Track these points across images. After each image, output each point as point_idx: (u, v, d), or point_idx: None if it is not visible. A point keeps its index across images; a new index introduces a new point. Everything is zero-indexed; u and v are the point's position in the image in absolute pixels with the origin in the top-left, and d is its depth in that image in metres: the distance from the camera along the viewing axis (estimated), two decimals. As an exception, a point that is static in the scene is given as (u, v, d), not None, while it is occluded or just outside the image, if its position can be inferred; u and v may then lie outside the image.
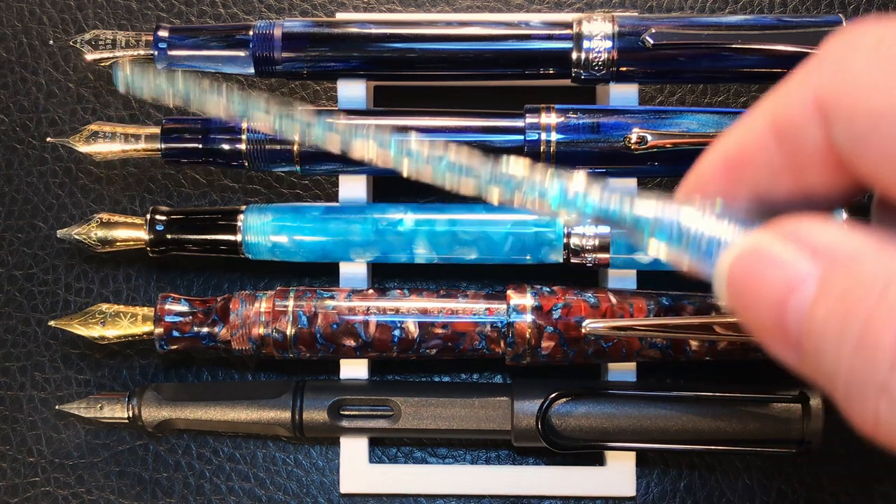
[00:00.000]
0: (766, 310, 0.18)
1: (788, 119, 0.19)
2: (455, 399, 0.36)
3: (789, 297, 0.17)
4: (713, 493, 0.39)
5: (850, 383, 0.16)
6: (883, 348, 0.16)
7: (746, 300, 0.18)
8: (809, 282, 0.17)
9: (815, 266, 0.17)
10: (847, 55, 0.17)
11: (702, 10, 0.41)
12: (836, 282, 0.17)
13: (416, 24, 0.36)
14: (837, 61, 0.18)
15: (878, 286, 0.16)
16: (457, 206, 0.37)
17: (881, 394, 0.16)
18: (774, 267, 0.18)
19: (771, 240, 0.18)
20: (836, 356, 0.17)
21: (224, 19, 0.41)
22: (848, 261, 0.17)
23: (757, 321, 0.18)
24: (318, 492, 0.39)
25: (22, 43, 0.41)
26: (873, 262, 0.17)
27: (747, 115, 0.20)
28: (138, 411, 0.37)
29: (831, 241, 0.17)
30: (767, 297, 0.18)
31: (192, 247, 0.37)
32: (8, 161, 0.40)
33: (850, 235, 0.17)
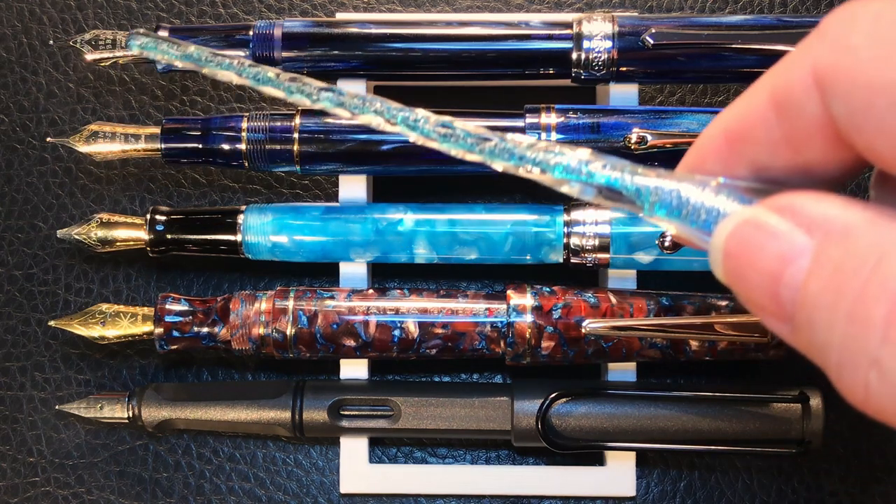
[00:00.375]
0: (761, 282, 0.18)
1: (788, 92, 0.19)
2: (455, 399, 0.36)
3: (784, 270, 0.18)
4: (713, 493, 0.39)
5: (841, 356, 0.17)
6: (874, 321, 0.16)
7: (741, 272, 0.18)
8: (804, 255, 0.17)
9: (809, 239, 0.17)
10: (845, 29, 0.18)
11: (702, 10, 0.41)
12: (829, 255, 0.17)
13: (416, 24, 0.36)
14: (836, 35, 0.18)
15: (871, 259, 0.16)
16: (457, 206, 0.37)
17: (872, 366, 0.16)
18: (770, 239, 0.18)
19: (767, 213, 0.18)
20: (829, 329, 0.17)
21: (224, 19, 0.41)
22: (842, 234, 0.17)
23: (752, 293, 0.18)
24: (318, 492, 0.39)
25: (22, 43, 0.41)
26: (867, 235, 0.17)
27: (749, 89, 0.20)
28: (138, 411, 0.37)
29: (826, 215, 0.17)
30: (762, 269, 0.18)
31: (192, 247, 0.37)
32: (8, 161, 0.40)
33: (846, 209, 0.17)
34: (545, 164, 0.20)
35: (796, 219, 0.18)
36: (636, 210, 0.20)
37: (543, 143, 0.20)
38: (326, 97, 0.22)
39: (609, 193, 0.20)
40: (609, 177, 0.20)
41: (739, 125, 0.20)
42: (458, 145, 0.21)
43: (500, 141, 0.21)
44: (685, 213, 0.19)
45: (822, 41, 0.18)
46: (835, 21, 0.18)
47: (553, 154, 0.20)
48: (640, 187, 0.20)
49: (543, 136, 0.35)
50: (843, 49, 0.17)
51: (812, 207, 0.18)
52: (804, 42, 0.19)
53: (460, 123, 0.21)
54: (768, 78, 0.19)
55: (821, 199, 0.18)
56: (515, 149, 0.20)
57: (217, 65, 0.23)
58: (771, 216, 0.18)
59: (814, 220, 0.18)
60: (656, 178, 0.20)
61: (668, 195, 0.19)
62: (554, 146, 0.20)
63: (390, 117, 0.22)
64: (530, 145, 0.20)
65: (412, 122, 0.22)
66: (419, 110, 0.22)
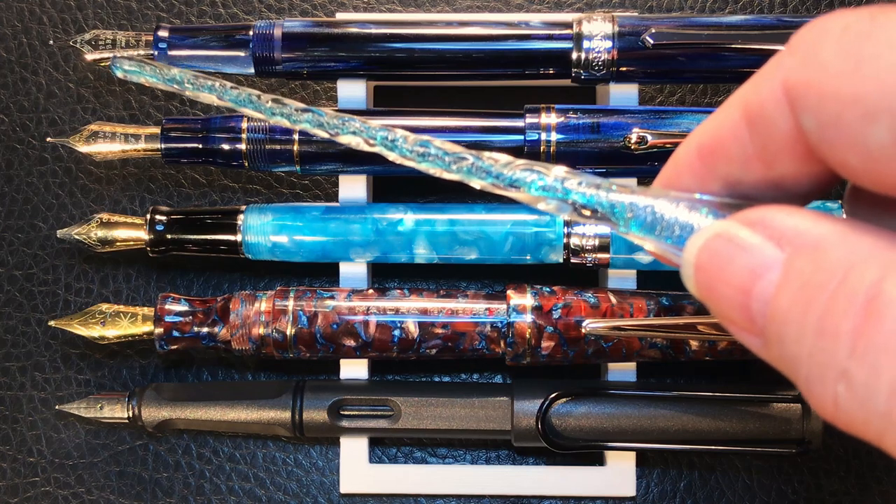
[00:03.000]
0: (732, 295, 0.18)
1: (759, 107, 0.19)
2: (455, 399, 0.36)
3: (754, 284, 0.18)
4: (713, 493, 0.39)
5: (810, 369, 0.17)
6: (842, 334, 0.16)
7: (712, 286, 0.18)
8: (774, 268, 0.17)
9: (780, 252, 0.17)
10: (815, 43, 0.18)
11: (702, 10, 0.41)
12: (799, 268, 0.17)
13: (416, 24, 0.36)
14: (806, 49, 0.18)
15: (839, 272, 0.16)
16: (457, 206, 0.37)
17: (840, 378, 0.16)
18: (740, 253, 0.18)
19: (738, 226, 0.18)
20: (798, 342, 0.17)
21: (224, 19, 0.41)
22: (812, 247, 0.17)
23: (722, 307, 0.18)
24: (318, 492, 0.39)
25: (22, 43, 0.41)
26: (837, 248, 0.17)
27: (721, 106, 0.20)
28: (138, 411, 0.37)
29: (797, 228, 0.17)
30: (733, 282, 0.18)
31: (192, 247, 0.37)
32: (8, 161, 0.40)
33: (817, 222, 0.17)
34: (521, 181, 0.20)
35: (767, 232, 0.18)
36: (612, 226, 0.20)
37: (520, 162, 0.21)
38: (306, 118, 0.23)
39: (585, 210, 0.20)
40: (584, 194, 0.20)
41: (712, 140, 0.20)
42: (435, 164, 0.21)
43: (477, 160, 0.21)
44: (659, 229, 0.20)
45: (792, 55, 0.18)
46: (805, 35, 0.18)
47: (529, 172, 0.20)
48: (615, 203, 0.20)
49: (543, 136, 0.35)
50: (813, 63, 0.17)
51: (783, 221, 0.18)
52: (776, 57, 0.19)
53: (438, 142, 0.21)
54: (740, 93, 0.19)
55: (792, 213, 0.18)
56: (492, 167, 0.21)
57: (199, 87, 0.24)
58: (742, 229, 0.18)
59: (784, 234, 0.18)
60: (631, 194, 0.20)
61: (642, 211, 0.20)
62: (531, 164, 0.21)
63: (369, 137, 0.22)
64: (507, 163, 0.21)
65: (390, 141, 0.22)
66: (398, 130, 0.22)
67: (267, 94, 0.23)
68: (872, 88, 0.16)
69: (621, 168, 0.36)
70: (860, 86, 0.17)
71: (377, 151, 0.22)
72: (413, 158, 0.22)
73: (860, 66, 0.17)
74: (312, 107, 0.23)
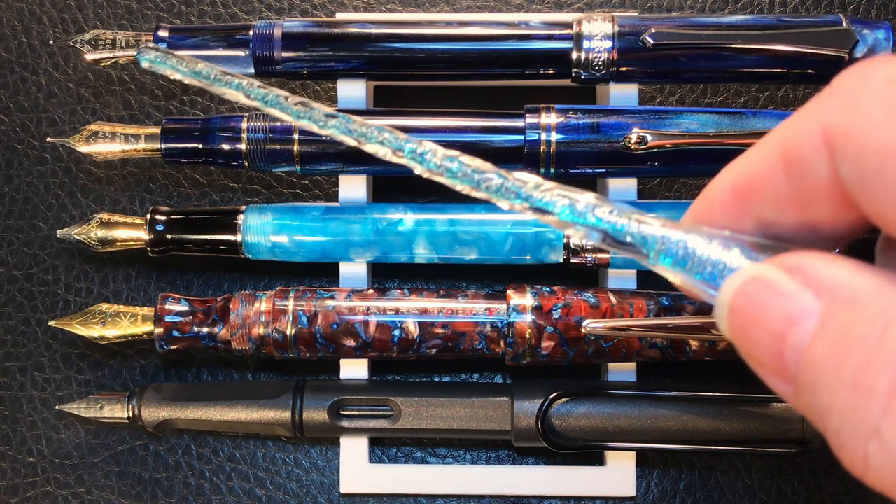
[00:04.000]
0: (766, 341, 0.18)
1: (797, 150, 0.18)
2: (455, 399, 0.36)
3: (790, 331, 0.17)
4: (713, 493, 0.39)
5: (842, 423, 0.17)
6: (877, 391, 0.16)
7: (746, 329, 0.18)
8: (811, 317, 0.17)
9: (817, 302, 0.17)
10: (857, 91, 0.17)
11: (702, 10, 0.41)
12: (836, 319, 0.17)
13: (416, 24, 0.36)
14: (847, 96, 0.18)
15: (877, 327, 0.16)
16: (457, 206, 0.37)
17: (872, 437, 0.16)
18: (777, 299, 0.18)
19: (775, 271, 0.18)
20: (831, 394, 0.17)
21: (224, 19, 0.41)
22: (850, 299, 0.17)
23: (756, 351, 0.18)
24: (318, 492, 0.39)
25: (22, 43, 0.41)
26: (875, 302, 0.17)
27: (758, 143, 0.20)
28: (138, 411, 0.37)
29: (835, 278, 0.17)
30: (768, 328, 0.18)
31: (192, 247, 0.37)
32: (8, 161, 0.40)
33: (855, 273, 0.17)
34: (551, 206, 0.20)
35: (805, 280, 0.18)
36: (641, 258, 0.20)
37: (550, 184, 0.20)
38: (334, 124, 0.22)
39: (614, 240, 0.20)
40: (615, 223, 0.20)
41: (747, 180, 0.20)
42: (463, 181, 0.21)
43: (506, 180, 0.21)
44: (690, 264, 0.19)
45: (833, 100, 0.18)
46: (847, 80, 0.18)
47: (560, 196, 0.20)
48: (646, 236, 0.20)
49: (543, 136, 0.35)
50: (855, 110, 0.17)
51: (821, 270, 0.18)
52: (815, 99, 0.18)
53: (466, 159, 0.21)
54: (778, 133, 0.19)
55: (830, 262, 0.18)
56: (522, 189, 0.20)
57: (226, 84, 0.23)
58: (779, 275, 0.18)
59: (822, 283, 0.17)
60: (662, 227, 0.20)
61: (674, 245, 0.19)
62: (560, 187, 0.20)
63: (397, 148, 0.22)
64: (537, 185, 0.20)
65: (419, 154, 0.21)
66: (426, 143, 0.21)
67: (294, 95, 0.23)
68: None
69: (621, 168, 0.36)
70: None
71: (404, 163, 0.22)
72: (441, 173, 0.21)
73: None
74: (340, 113, 0.22)
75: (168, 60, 0.24)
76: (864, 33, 0.35)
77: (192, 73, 0.24)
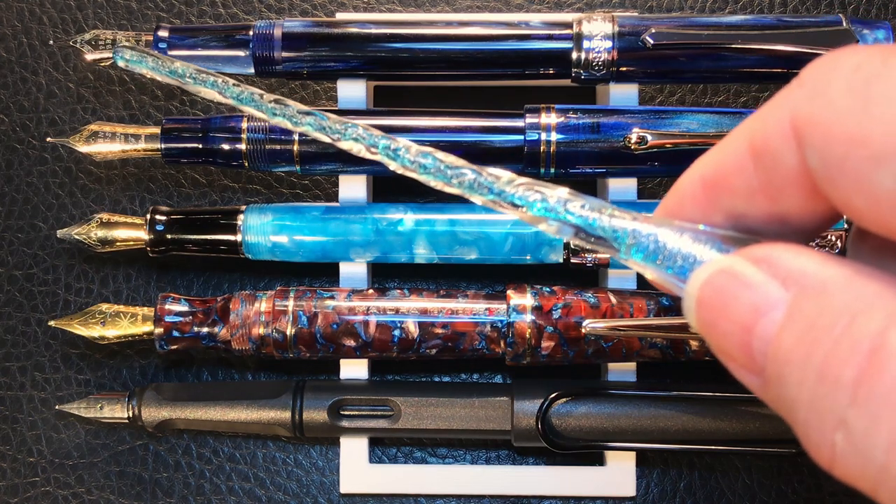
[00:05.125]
0: (733, 332, 0.18)
1: (765, 141, 0.18)
2: (455, 399, 0.36)
3: (757, 322, 0.17)
4: (713, 493, 0.39)
5: (809, 415, 0.16)
6: (843, 382, 0.16)
7: (714, 321, 0.18)
8: (778, 308, 0.17)
9: (785, 292, 0.17)
10: (825, 79, 0.17)
11: (702, 10, 0.41)
12: (804, 310, 0.17)
13: (416, 24, 0.36)
14: (815, 84, 0.17)
15: (844, 318, 0.16)
16: (457, 206, 0.37)
17: (838, 426, 0.16)
18: (744, 290, 0.18)
19: (743, 262, 0.18)
20: (798, 385, 0.17)
21: (224, 19, 0.41)
22: (818, 289, 0.17)
23: (723, 343, 0.18)
24: (318, 492, 0.39)
25: (22, 43, 0.41)
26: (842, 292, 0.17)
27: (727, 136, 0.20)
28: (138, 411, 0.37)
29: (803, 269, 0.17)
30: (735, 319, 0.18)
31: (192, 247, 0.37)
32: (8, 161, 0.40)
33: (823, 264, 0.17)
34: (524, 200, 0.20)
35: (772, 271, 0.18)
36: (612, 252, 0.20)
37: (523, 180, 0.20)
38: (308, 122, 0.22)
39: (586, 234, 0.20)
40: (586, 217, 0.20)
41: (716, 172, 0.20)
42: (437, 177, 0.21)
43: (479, 175, 0.21)
44: (661, 258, 0.19)
45: (801, 89, 0.18)
46: (815, 70, 0.18)
47: (531, 191, 0.20)
48: (617, 229, 0.20)
49: (543, 136, 0.35)
50: (821, 99, 0.17)
51: (789, 260, 0.17)
52: (784, 90, 0.18)
53: (440, 155, 0.21)
54: (746, 124, 0.19)
55: (798, 253, 0.18)
56: (494, 184, 0.21)
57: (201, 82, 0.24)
58: (747, 266, 0.18)
59: (790, 274, 0.17)
60: (633, 221, 0.20)
61: (644, 239, 0.19)
62: (533, 184, 0.20)
63: (371, 144, 0.22)
64: (509, 181, 0.20)
65: (392, 150, 0.22)
66: (401, 139, 0.22)
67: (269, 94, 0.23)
68: (881, 131, 0.16)
69: (621, 168, 0.36)
70: (868, 127, 0.16)
71: (378, 160, 0.22)
72: (414, 169, 0.21)
73: (869, 107, 0.16)
74: (315, 110, 0.23)
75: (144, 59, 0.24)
76: (864, 33, 0.35)
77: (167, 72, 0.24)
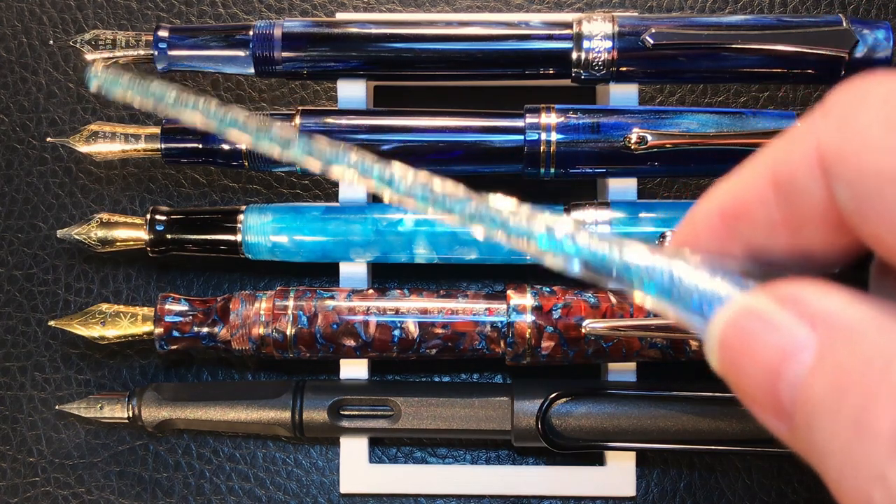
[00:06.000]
0: (759, 376, 0.17)
1: (789, 172, 0.17)
2: (455, 399, 0.36)
3: (784, 365, 0.16)
4: (713, 493, 0.39)
5: (843, 465, 0.15)
6: (882, 433, 0.15)
7: (738, 364, 0.17)
8: (807, 351, 0.16)
9: (812, 334, 0.16)
10: (853, 110, 0.16)
11: (702, 10, 0.41)
12: (834, 354, 0.16)
13: (416, 24, 0.36)
14: (843, 114, 0.17)
15: (878, 363, 0.15)
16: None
17: (876, 481, 0.15)
18: (770, 331, 0.17)
19: (768, 302, 0.17)
20: (831, 434, 0.16)
21: (224, 19, 0.41)
22: (848, 333, 0.16)
23: (748, 386, 0.17)
24: (318, 492, 0.39)
25: (22, 43, 0.41)
26: (874, 336, 0.16)
27: (746, 165, 0.19)
28: (138, 411, 0.37)
29: (831, 310, 0.16)
30: (761, 362, 0.17)
31: (192, 247, 0.37)
32: (8, 161, 0.40)
33: (851, 304, 0.16)
34: (528, 233, 0.19)
35: (799, 311, 0.17)
36: (624, 286, 0.19)
37: (525, 210, 0.19)
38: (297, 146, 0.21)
39: (595, 268, 0.19)
40: (596, 251, 0.19)
41: (736, 203, 0.19)
42: (437, 206, 0.20)
43: (481, 205, 0.19)
44: (676, 293, 0.18)
45: (827, 119, 0.17)
46: (842, 99, 0.17)
47: (537, 223, 0.19)
48: (629, 263, 0.18)
49: (543, 136, 0.35)
50: (851, 131, 0.16)
51: (816, 300, 0.16)
52: (808, 118, 0.17)
53: (439, 183, 0.20)
54: (768, 154, 0.18)
55: (825, 292, 0.17)
56: (497, 215, 0.19)
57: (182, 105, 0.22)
58: (772, 306, 0.17)
59: (818, 314, 0.16)
60: (645, 254, 0.18)
61: (658, 273, 0.18)
62: (536, 213, 0.19)
63: (364, 172, 0.20)
64: (513, 211, 0.19)
65: (388, 178, 0.20)
66: (396, 165, 0.20)
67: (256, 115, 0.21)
68: None
69: (621, 168, 0.36)
70: None
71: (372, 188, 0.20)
72: (412, 198, 0.20)
73: None
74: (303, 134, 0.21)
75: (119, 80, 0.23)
76: (864, 33, 0.35)
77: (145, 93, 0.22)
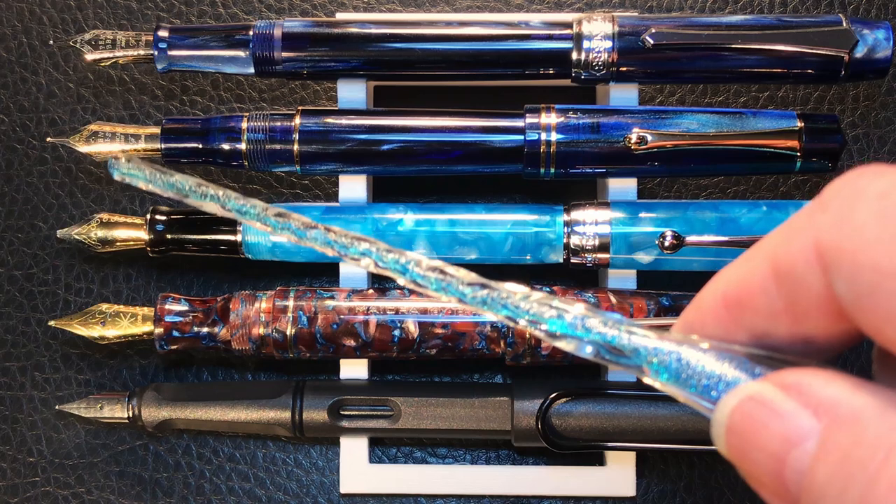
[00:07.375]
0: (765, 462, 0.18)
1: (788, 264, 0.18)
2: (455, 399, 0.36)
3: (789, 452, 0.17)
4: (713, 493, 0.39)
5: None
6: None
7: (745, 450, 0.18)
8: (810, 438, 0.17)
9: (816, 422, 0.17)
10: (850, 206, 0.17)
11: (702, 10, 0.41)
12: (837, 441, 0.17)
13: (416, 24, 0.36)
14: (840, 210, 0.17)
15: (880, 451, 0.16)
16: (457, 206, 0.37)
17: None
18: (775, 419, 0.17)
19: (773, 390, 0.18)
20: None
21: (224, 19, 0.41)
22: (851, 421, 0.17)
23: (755, 472, 0.18)
24: (318, 492, 0.39)
25: (22, 43, 0.41)
26: (877, 424, 0.16)
27: (749, 253, 0.19)
28: (138, 411, 0.37)
29: (834, 397, 0.17)
30: (767, 448, 0.18)
31: (192, 247, 0.37)
32: (8, 161, 0.40)
33: (854, 392, 0.17)
34: (540, 318, 0.20)
35: (802, 399, 0.17)
36: (633, 370, 0.19)
37: (538, 295, 0.20)
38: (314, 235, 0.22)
39: (607, 352, 0.19)
40: (606, 335, 0.19)
41: (739, 291, 0.19)
42: (450, 292, 0.20)
43: (495, 291, 0.20)
44: (685, 376, 0.19)
45: (824, 214, 0.17)
46: (838, 193, 0.17)
47: (548, 308, 0.20)
48: (638, 347, 0.19)
49: (543, 136, 0.35)
50: (847, 226, 0.17)
51: (820, 388, 0.17)
52: (806, 211, 0.18)
53: (452, 269, 0.20)
54: (769, 244, 0.19)
55: (829, 380, 0.17)
56: (509, 300, 0.20)
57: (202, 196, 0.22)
58: (777, 394, 0.18)
59: (821, 403, 0.17)
60: (655, 338, 0.19)
61: (667, 357, 0.19)
62: (550, 300, 0.20)
63: (378, 259, 0.21)
64: (525, 297, 0.20)
65: (402, 265, 0.21)
66: (409, 253, 0.21)
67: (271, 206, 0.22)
68: None
69: (621, 168, 0.36)
70: None
71: (387, 274, 0.21)
72: (426, 285, 0.21)
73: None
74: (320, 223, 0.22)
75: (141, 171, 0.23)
76: (864, 33, 0.35)
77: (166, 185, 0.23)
